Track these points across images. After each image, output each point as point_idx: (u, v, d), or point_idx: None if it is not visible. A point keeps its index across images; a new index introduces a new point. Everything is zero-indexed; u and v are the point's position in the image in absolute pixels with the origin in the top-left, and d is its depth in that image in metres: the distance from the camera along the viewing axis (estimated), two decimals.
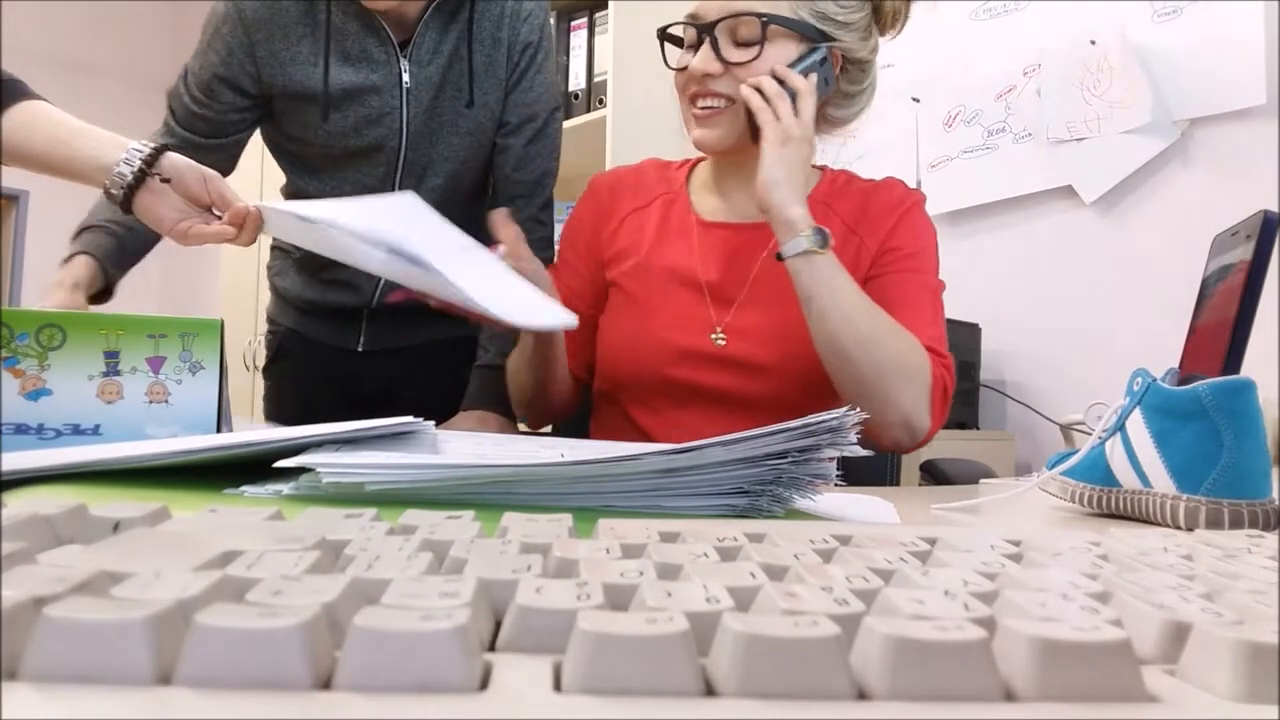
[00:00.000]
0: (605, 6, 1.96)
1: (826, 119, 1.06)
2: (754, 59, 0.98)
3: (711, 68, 0.99)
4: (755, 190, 0.95)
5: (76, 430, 0.65)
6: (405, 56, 1.17)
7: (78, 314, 0.65)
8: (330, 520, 0.31)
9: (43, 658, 0.17)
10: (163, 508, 0.32)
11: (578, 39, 2.03)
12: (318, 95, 1.16)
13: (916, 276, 1.03)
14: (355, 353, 1.34)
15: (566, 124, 1.98)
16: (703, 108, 1.01)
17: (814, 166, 1.11)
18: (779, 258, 0.94)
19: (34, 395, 0.64)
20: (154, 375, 0.66)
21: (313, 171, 1.24)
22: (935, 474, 1.42)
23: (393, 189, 1.23)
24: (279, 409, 1.39)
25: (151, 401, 0.66)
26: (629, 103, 1.89)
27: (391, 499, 0.45)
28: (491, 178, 1.31)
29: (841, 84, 1.04)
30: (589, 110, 1.98)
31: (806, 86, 0.97)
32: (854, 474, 1.36)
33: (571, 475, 0.47)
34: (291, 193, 1.31)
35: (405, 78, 1.18)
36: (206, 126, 1.17)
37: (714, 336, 1.04)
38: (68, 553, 0.25)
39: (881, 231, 1.05)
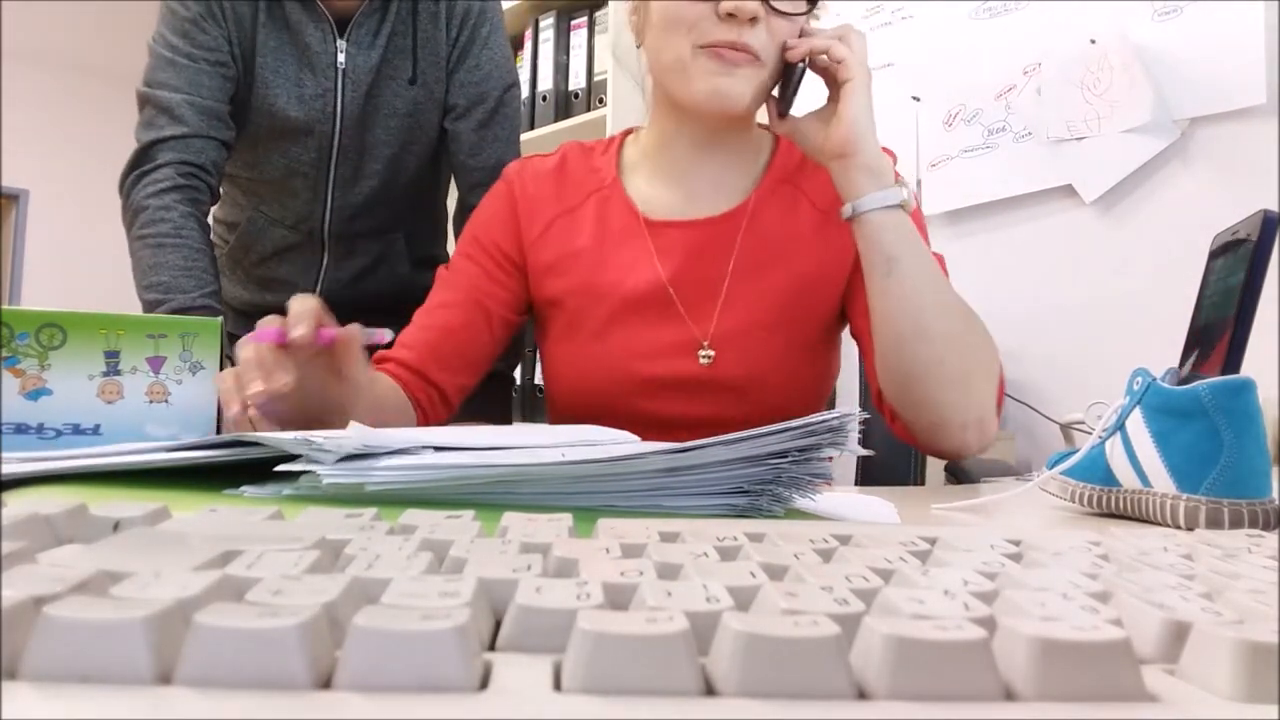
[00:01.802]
0: (605, 6, 1.96)
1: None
2: (805, 12, 0.83)
3: (758, 10, 0.81)
4: (831, 137, 0.80)
5: (77, 430, 0.64)
6: (344, 37, 1.15)
7: (78, 314, 0.65)
8: (330, 520, 0.31)
9: (43, 657, 0.17)
10: (163, 508, 0.32)
11: (578, 38, 2.03)
12: (249, 65, 1.13)
13: None
14: None
15: (566, 123, 1.99)
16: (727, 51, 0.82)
17: (760, 126, 0.97)
18: (847, 216, 0.80)
19: (34, 395, 0.64)
20: (154, 375, 0.66)
21: (243, 151, 1.20)
22: (960, 474, 1.38)
23: (326, 174, 1.20)
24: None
25: (151, 401, 0.66)
26: (629, 102, 1.89)
27: (392, 499, 0.45)
28: (450, 168, 1.25)
29: None
30: (589, 110, 1.98)
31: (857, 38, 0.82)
32: (877, 474, 1.35)
33: (573, 475, 0.47)
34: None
35: (340, 58, 1.14)
36: (188, 79, 1.10)
37: (701, 354, 0.91)
38: (68, 552, 0.25)
39: None
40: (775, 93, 0.88)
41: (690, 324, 0.91)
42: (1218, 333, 0.57)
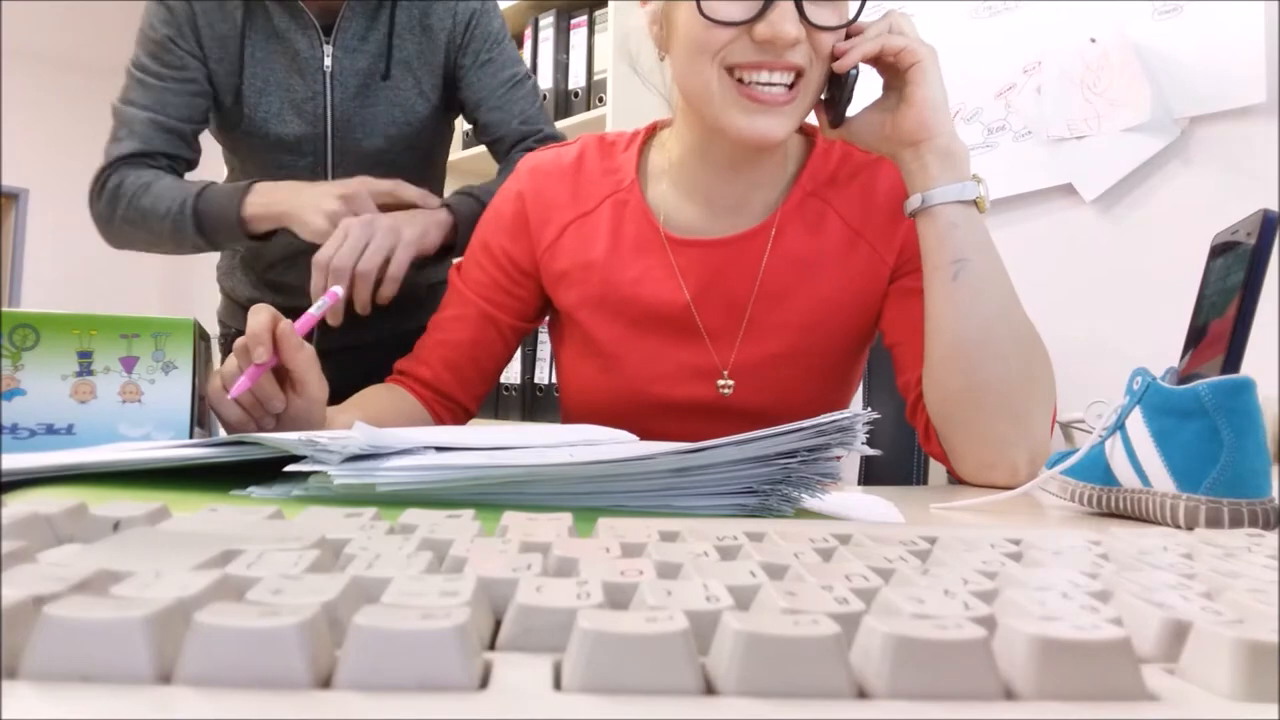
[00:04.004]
0: (605, 5, 1.96)
1: None
2: (850, 22, 0.76)
3: (799, 35, 0.74)
4: (901, 124, 0.76)
5: (50, 430, 0.64)
6: (329, 41, 1.15)
7: (51, 314, 0.65)
8: (330, 519, 0.31)
9: (43, 657, 0.17)
10: (163, 507, 0.32)
11: (577, 37, 2.03)
12: (235, 78, 1.14)
13: None
14: None
15: (566, 122, 1.99)
16: (765, 85, 0.75)
17: (801, 132, 0.91)
18: (909, 213, 0.75)
19: (8, 396, 0.64)
20: (127, 375, 0.66)
21: (244, 159, 1.22)
22: None
23: (325, 177, 1.20)
24: None
25: (125, 401, 0.66)
26: (629, 101, 1.89)
27: (403, 500, 0.45)
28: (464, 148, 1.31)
29: None
30: (589, 109, 1.98)
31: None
32: (879, 474, 1.35)
33: (584, 475, 0.47)
34: (229, 177, 1.30)
35: (327, 62, 1.15)
36: (154, 99, 1.12)
37: (721, 385, 0.87)
38: (68, 552, 0.25)
39: (897, 236, 0.86)
40: (823, 96, 0.82)
41: (712, 351, 0.88)
42: (1217, 332, 0.57)
